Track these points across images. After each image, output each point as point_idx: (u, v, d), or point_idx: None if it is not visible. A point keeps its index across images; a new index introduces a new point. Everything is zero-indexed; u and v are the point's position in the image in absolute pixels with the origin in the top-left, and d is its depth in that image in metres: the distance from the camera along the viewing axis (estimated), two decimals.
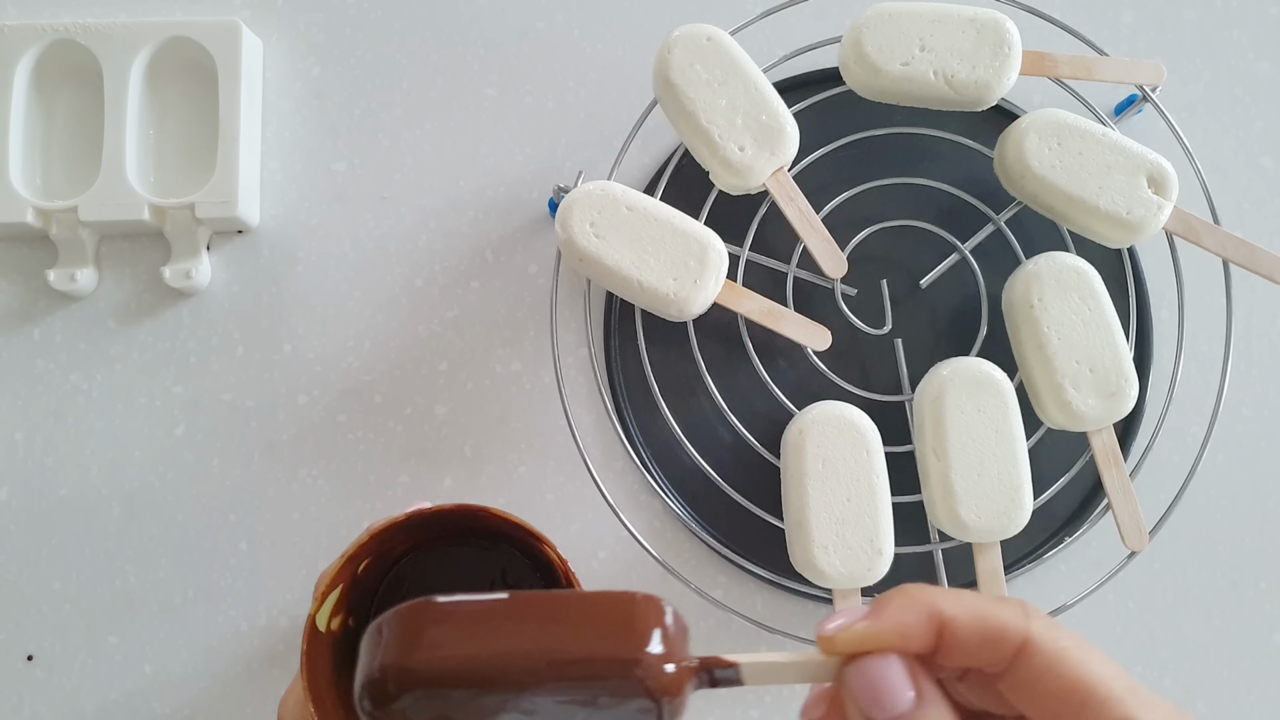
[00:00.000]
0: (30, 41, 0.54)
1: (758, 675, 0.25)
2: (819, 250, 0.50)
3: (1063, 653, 0.24)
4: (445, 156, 0.56)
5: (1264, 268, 0.50)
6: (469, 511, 0.37)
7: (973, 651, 0.24)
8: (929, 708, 0.24)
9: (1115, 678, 0.23)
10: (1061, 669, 0.24)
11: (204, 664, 0.51)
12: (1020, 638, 0.24)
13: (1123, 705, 0.23)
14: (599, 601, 0.24)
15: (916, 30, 0.49)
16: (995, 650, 0.24)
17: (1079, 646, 0.24)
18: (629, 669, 0.23)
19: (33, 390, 0.53)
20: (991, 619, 0.24)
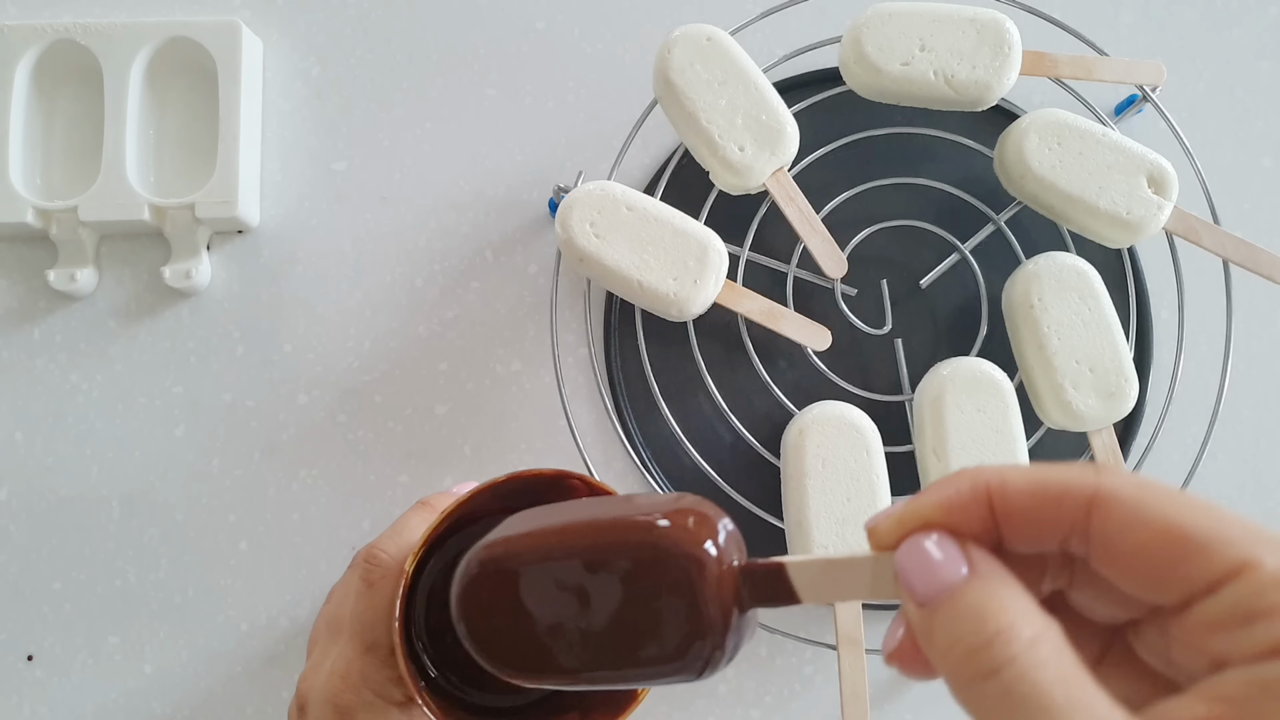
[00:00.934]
0: (30, 41, 0.54)
1: (807, 581, 0.22)
2: (819, 250, 0.50)
3: (1145, 499, 0.19)
4: (445, 156, 0.56)
5: (1264, 268, 0.50)
6: (563, 476, 0.37)
7: (1035, 521, 0.20)
8: (984, 581, 0.20)
9: (1220, 519, 0.19)
10: (1147, 516, 0.19)
11: (204, 664, 0.51)
12: (1087, 492, 0.20)
13: (1234, 548, 0.18)
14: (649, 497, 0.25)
15: (916, 30, 0.49)
16: (1060, 513, 0.20)
17: (1166, 491, 0.20)
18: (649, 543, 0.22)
19: (33, 390, 0.53)
20: (1051, 479, 0.20)
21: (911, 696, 0.52)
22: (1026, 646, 0.19)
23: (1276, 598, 0.18)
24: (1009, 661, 0.19)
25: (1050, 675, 0.18)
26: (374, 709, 0.35)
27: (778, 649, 0.52)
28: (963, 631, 0.20)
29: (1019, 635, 0.19)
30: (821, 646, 0.49)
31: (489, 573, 0.25)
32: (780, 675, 0.52)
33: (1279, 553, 0.18)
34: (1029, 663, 0.18)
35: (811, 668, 0.52)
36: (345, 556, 0.52)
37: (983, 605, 0.20)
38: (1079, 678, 0.18)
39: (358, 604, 0.37)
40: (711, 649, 0.22)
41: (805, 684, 0.52)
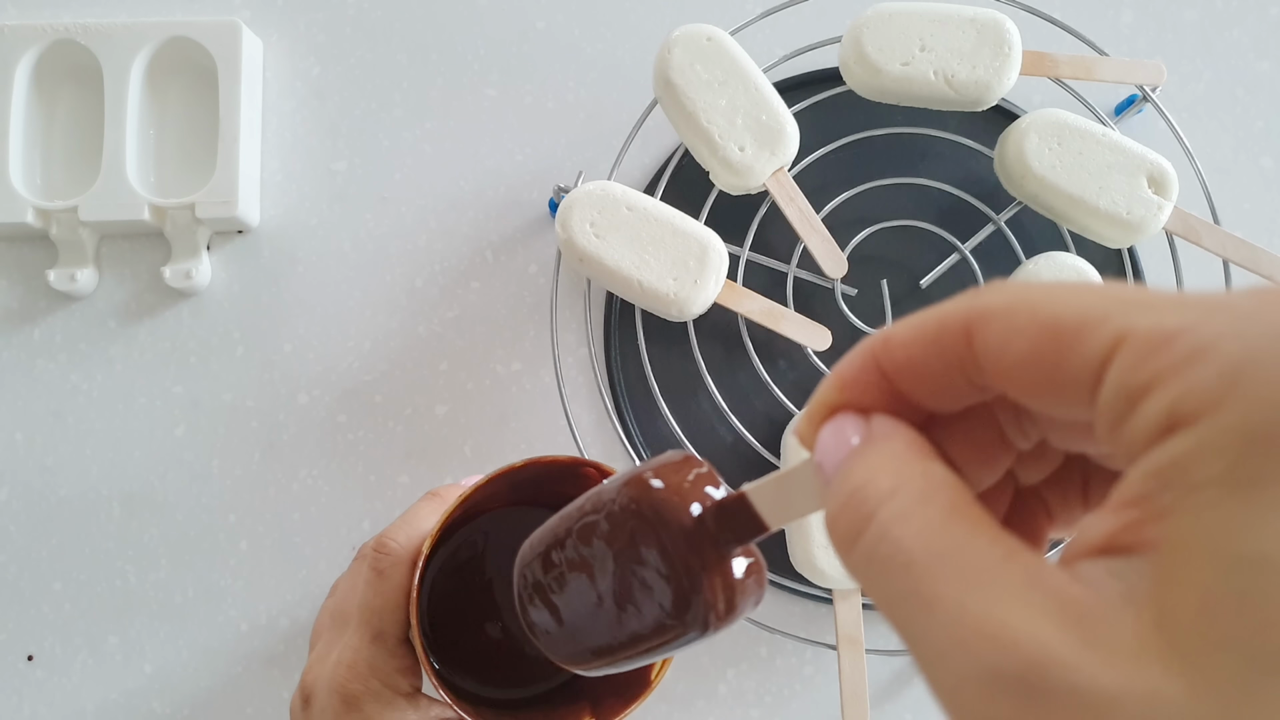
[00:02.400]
0: (30, 41, 0.54)
1: (767, 503, 0.21)
2: (819, 250, 0.50)
3: (1014, 303, 0.17)
4: (445, 156, 0.56)
5: (1264, 268, 0.50)
6: (577, 464, 0.37)
7: (924, 369, 0.18)
8: (866, 447, 0.18)
9: (1089, 296, 0.16)
10: (1018, 322, 0.17)
11: (204, 664, 0.51)
12: (962, 321, 0.17)
13: (1105, 324, 0.15)
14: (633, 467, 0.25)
15: (916, 30, 0.49)
16: (943, 353, 0.18)
17: (1038, 287, 0.17)
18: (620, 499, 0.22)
19: (33, 390, 0.53)
20: (929, 322, 0.18)
21: (911, 696, 0.52)
22: (882, 501, 0.17)
23: (1155, 364, 0.15)
24: (865, 521, 0.17)
25: (911, 528, 0.16)
26: (381, 698, 0.35)
27: (778, 649, 0.52)
28: (837, 503, 0.18)
29: (875, 490, 0.17)
30: (821, 646, 0.49)
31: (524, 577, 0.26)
32: (780, 675, 0.52)
33: (1151, 313, 0.15)
34: (886, 518, 0.17)
35: (811, 668, 0.52)
36: (345, 556, 0.52)
37: (852, 471, 0.18)
38: (947, 524, 0.16)
39: (366, 593, 0.36)
40: (707, 598, 0.21)
41: (805, 684, 0.52)
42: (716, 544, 0.21)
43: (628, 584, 0.23)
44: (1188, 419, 0.14)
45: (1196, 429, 0.14)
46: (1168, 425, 0.14)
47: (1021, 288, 0.17)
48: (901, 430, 0.18)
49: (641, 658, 0.24)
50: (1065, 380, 0.16)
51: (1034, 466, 0.21)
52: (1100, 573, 0.15)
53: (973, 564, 0.15)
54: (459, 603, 0.42)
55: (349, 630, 0.37)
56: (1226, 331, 0.14)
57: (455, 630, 0.41)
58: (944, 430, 0.19)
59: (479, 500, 0.38)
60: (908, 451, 0.18)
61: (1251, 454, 0.13)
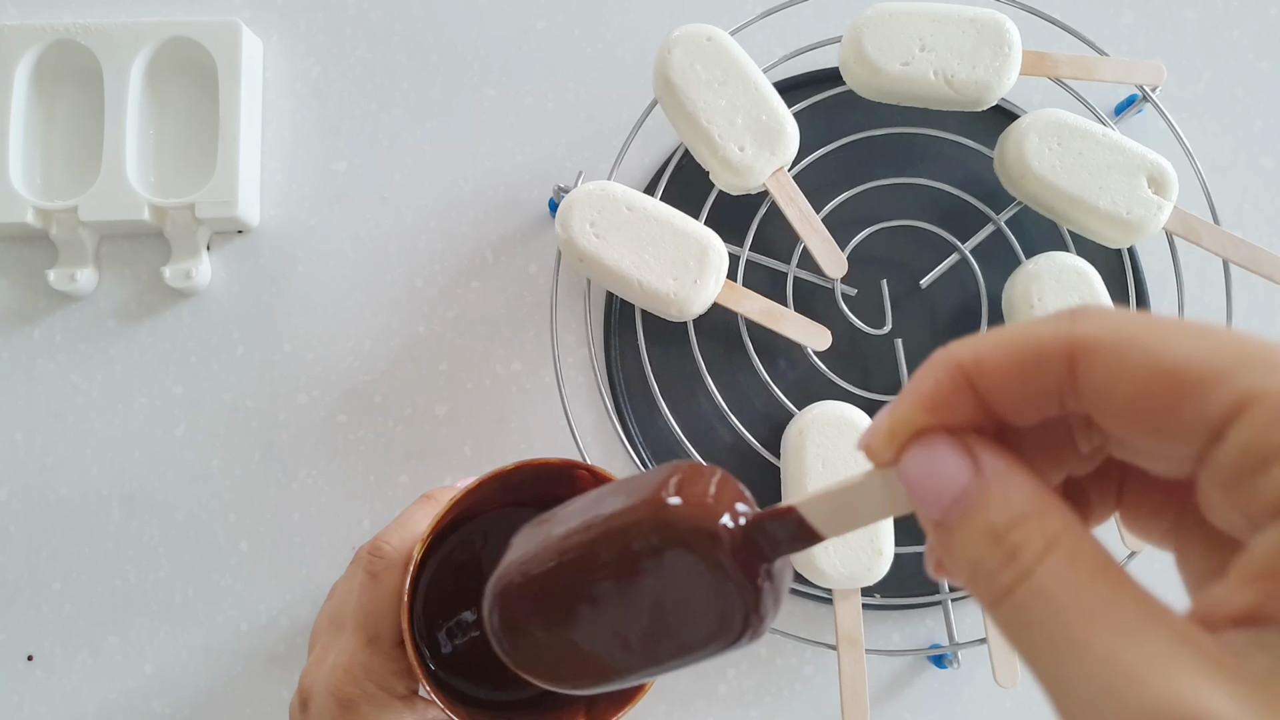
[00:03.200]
0: (30, 41, 0.54)
1: (823, 517, 0.21)
2: (819, 250, 0.50)
3: (1125, 341, 0.17)
4: (445, 156, 0.56)
5: (1264, 268, 0.50)
6: (569, 466, 0.37)
7: (1022, 393, 0.18)
8: (995, 482, 0.18)
9: (1211, 346, 0.16)
10: (1131, 362, 0.17)
11: (204, 664, 0.51)
12: (1063, 346, 0.17)
13: (1231, 382, 0.15)
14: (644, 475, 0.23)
15: (916, 30, 0.49)
16: (1044, 378, 0.18)
17: (1149, 325, 0.17)
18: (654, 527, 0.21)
19: (33, 390, 0.53)
20: (1025, 342, 0.18)
21: (911, 696, 0.52)
22: (1039, 559, 0.17)
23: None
24: (1021, 578, 0.17)
25: (1067, 585, 0.17)
26: (377, 701, 0.35)
27: (778, 649, 0.52)
28: (978, 554, 0.18)
29: (1030, 547, 0.17)
30: (821, 646, 0.49)
31: (514, 597, 0.24)
32: (780, 675, 0.52)
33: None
34: (1044, 578, 0.17)
35: (811, 668, 0.52)
36: (345, 556, 0.52)
37: (993, 519, 0.18)
38: (1097, 580, 0.16)
39: (361, 596, 0.37)
40: (749, 613, 0.21)
41: (805, 684, 0.52)
42: (767, 558, 0.21)
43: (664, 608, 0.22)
44: None
45: None
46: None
47: (1129, 321, 0.17)
48: (1016, 468, 0.18)
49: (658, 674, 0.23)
50: (1177, 427, 0.16)
51: (1083, 463, 0.21)
52: (1244, 643, 0.15)
53: (1125, 618, 0.16)
54: (454, 605, 0.42)
55: (345, 634, 0.37)
56: None
57: (450, 632, 0.41)
58: (1015, 435, 0.20)
59: (473, 503, 0.38)
60: (1042, 499, 0.18)
61: None
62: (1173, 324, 0.17)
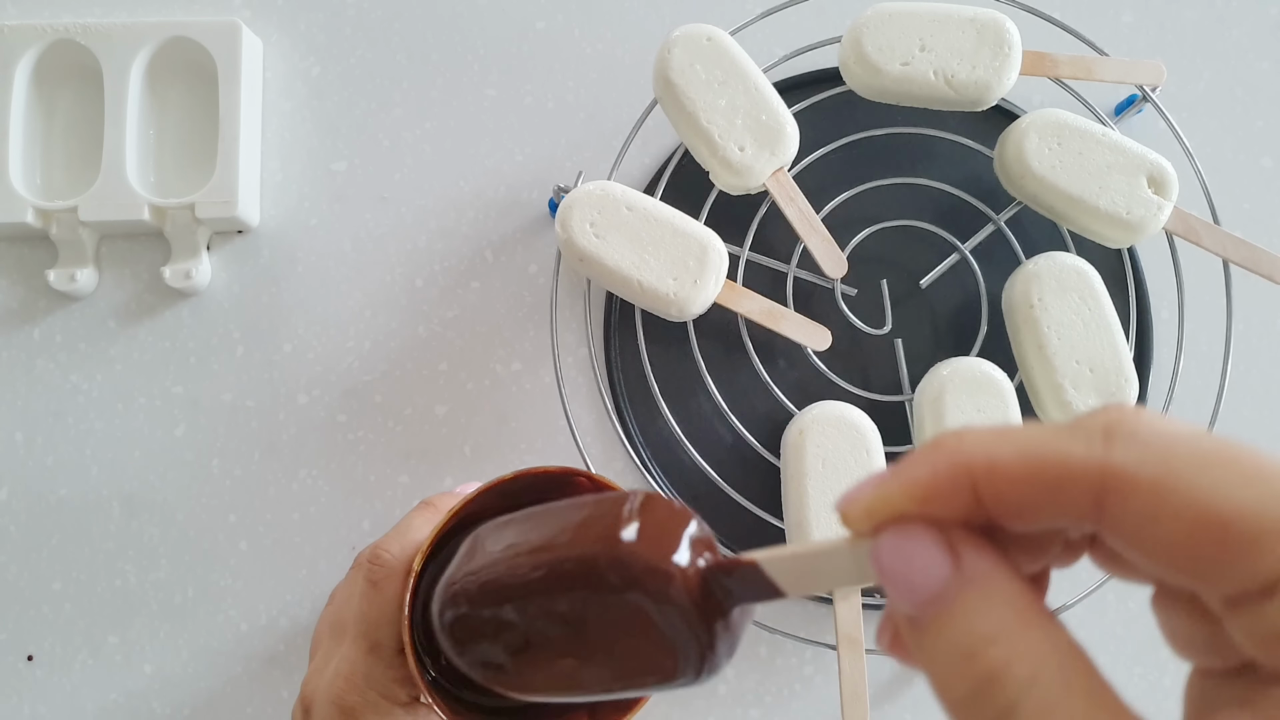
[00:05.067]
0: (30, 41, 0.54)
1: (786, 575, 0.20)
2: (819, 250, 0.50)
3: (1169, 480, 0.15)
4: (445, 156, 0.56)
5: (1264, 268, 0.50)
6: (569, 474, 0.37)
7: (1032, 510, 0.17)
8: (973, 586, 0.17)
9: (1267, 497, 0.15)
10: (1175, 506, 0.15)
11: (204, 664, 0.51)
12: (1094, 474, 0.16)
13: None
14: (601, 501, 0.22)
15: (916, 30, 0.49)
16: (1063, 502, 0.16)
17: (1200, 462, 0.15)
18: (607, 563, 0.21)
19: (33, 390, 0.53)
20: (1048, 460, 0.16)
21: (911, 696, 0.52)
22: (1023, 691, 0.16)
23: None
24: (1006, 711, 0.16)
25: None
26: (379, 709, 0.35)
27: (778, 649, 0.52)
28: (954, 671, 0.17)
29: (1015, 677, 0.16)
30: (821, 646, 0.49)
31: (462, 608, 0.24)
32: (780, 675, 0.52)
33: None
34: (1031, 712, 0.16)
35: (811, 668, 0.52)
36: (345, 556, 0.52)
37: (971, 637, 0.17)
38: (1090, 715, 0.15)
39: (362, 604, 0.37)
40: (702, 658, 0.21)
41: (805, 684, 0.52)
42: (723, 608, 0.21)
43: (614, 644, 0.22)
44: None
45: None
46: None
47: (1170, 457, 0.16)
48: (1000, 575, 0.17)
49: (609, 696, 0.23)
50: (1217, 579, 0.15)
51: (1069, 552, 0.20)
52: None
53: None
54: None
55: (345, 642, 0.37)
56: None
57: None
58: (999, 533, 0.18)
59: (472, 510, 0.38)
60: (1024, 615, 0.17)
61: None
62: (1221, 463, 0.15)
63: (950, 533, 0.17)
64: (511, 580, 0.23)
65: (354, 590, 0.38)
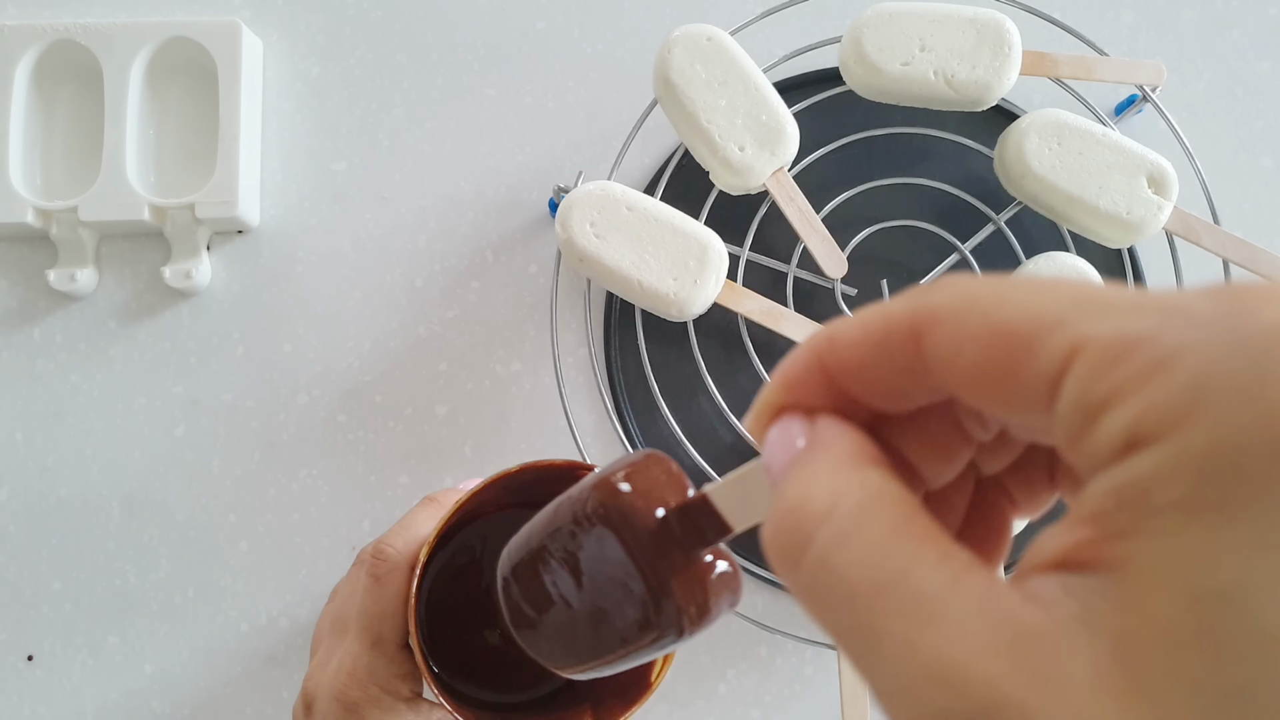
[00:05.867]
0: (30, 41, 0.54)
1: (729, 504, 0.20)
2: (819, 250, 0.50)
3: (964, 306, 0.16)
4: (445, 156, 0.56)
5: (1264, 268, 0.50)
6: (574, 468, 0.37)
7: (871, 373, 0.17)
8: (805, 455, 0.17)
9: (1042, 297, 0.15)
10: (970, 326, 0.15)
11: (204, 664, 0.51)
12: (909, 323, 0.16)
13: (1061, 330, 0.14)
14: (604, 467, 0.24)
15: (916, 30, 0.49)
16: (891, 356, 0.17)
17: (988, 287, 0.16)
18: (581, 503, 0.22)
19: (33, 390, 0.53)
20: (874, 322, 0.17)
21: None
22: (819, 522, 0.16)
23: (1116, 377, 0.14)
24: (804, 545, 0.16)
25: (852, 553, 0.15)
26: (381, 704, 0.35)
27: (778, 649, 0.52)
28: (775, 523, 0.17)
29: (812, 509, 0.16)
30: (821, 646, 0.49)
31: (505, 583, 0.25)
32: (780, 675, 0.52)
33: (1108, 318, 0.14)
34: (825, 542, 0.15)
35: (811, 668, 0.52)
36: (345, 556, 0.52)
37: (790, 482, 0.17)
38: (890, 544, 0.15)
39: (365, 599, 0.37)
40: (678, 602, 0.21)
41: (805, 684, 0.52)
42: (683, 547, 0.21)
43: (601, 589, 0.22)
44: (1149, 437, 0.13)
45: (1157, 449, 0.13)
46: (1128, 443, 0.14)
47: (971, 286, 0.16)
48: (846, 434, 0.17)
49: (626, 660, 0.23)
50: (1020, 390, 0.15)
51: (996, 456, 0.20)
52: (1055, 589, 0.14)
53: (920, 592, 0.14)
54: (458, 607, 0.42)
55: (348, 637, 0.37)
56: (1188, 342, 0.13)
57: (455, 634, 0.41)
58: (897, 428, 0.18)
59: (476, 504, 0.38)
60: (846, 460, 0.17)
61: (1213, 478, 0.13)
62: (1014, 282, 0.16)
63: (818, 416, 0.18)
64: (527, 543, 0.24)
65: (356, 586, 0.38)
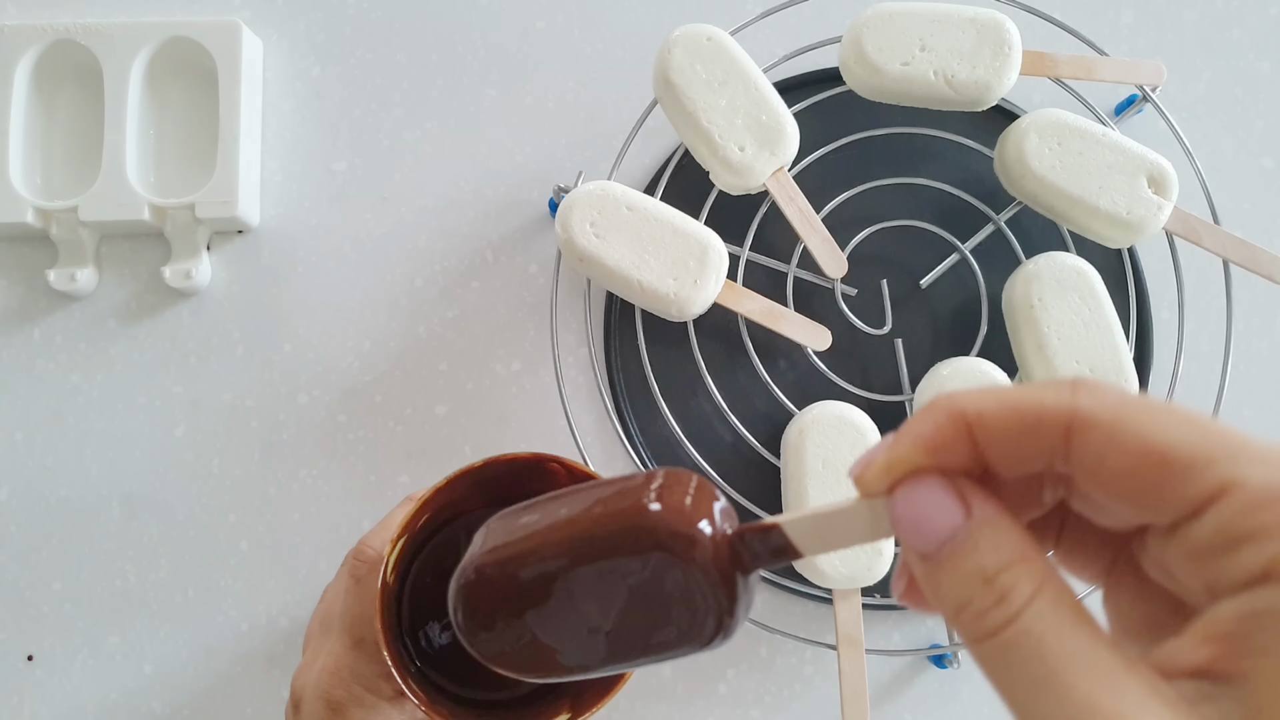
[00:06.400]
0: (30, 41, 0.54)
1: (805, 536, 0.22)
2: (819, 250, 0.50)
3: (1122, 419, 0.18)
4: (445, 156, 0.56)
5: (1264, 268, 0.50)
6: (541, 460, 0.37)
7: (1016, 449, 0.20)
8: (983, 525, 0.19)
9: (1202, 434, 0.18)
10: (1125, 439, 0.18)
11: (204, 664, 0.51)
12: (1063, 416, 0.19)
13: (1216, 467, 0.17)
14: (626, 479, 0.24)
15: (916, 30, 0.49)
16: (1039, 440, 0.19)
17: (1146, 407, 0.18)
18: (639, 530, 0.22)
19: (33, 390, 0.53)
20: (1026, 405, 0.19)
21: (911, 696, 0.52)
22: (1027, 603, 0.18)
23: (1262, 518, 0.17)
24: (1009, 620, 0.18)
25: (1051, 631, 0.18)
26: (364, 703, 0.36)
27: (778, 649, 0.52)
28: (967, 593, 0.19)
29: (1019, 591, 0.19)
30: (821, 646, 0.49)
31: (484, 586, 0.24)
32: (780, 675, 0.52)
33: (1264, 466, 0.17)
34: (1031, 620, 0.18)
35: (811, 668, 0.52)
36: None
37: (983, 562, 0.19)
38: (1077, 628, 0.18)
39: (346, 600, 0.38)
40: (721, 620, 0.22)
41: (805, 684, 0.52)
42: (745, 569, 0.22)
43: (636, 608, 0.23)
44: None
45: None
46: (1265, 573, 0.17)
47: (1124, 403, 0.19)
48: (1005, 516, 0.20)
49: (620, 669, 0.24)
50: (1159, 504, 0.18)
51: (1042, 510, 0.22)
52: (1194, 693, 0.17)
53: (1104, 666, 0.18)
54: (439, 604, 0.42)
55: (332, 637, 0.38)
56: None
57: (436, 632, 0.41)
58: (995, 481, 0.21)
59: (452, 502, 0.38)
60: (1028, 546, 0.19)
61: None
62: (1165, 408, 0.18)
63: (959, 482, 0.20)
64: (539, 554, 0.23)
65: (340, 587, 0.38)
